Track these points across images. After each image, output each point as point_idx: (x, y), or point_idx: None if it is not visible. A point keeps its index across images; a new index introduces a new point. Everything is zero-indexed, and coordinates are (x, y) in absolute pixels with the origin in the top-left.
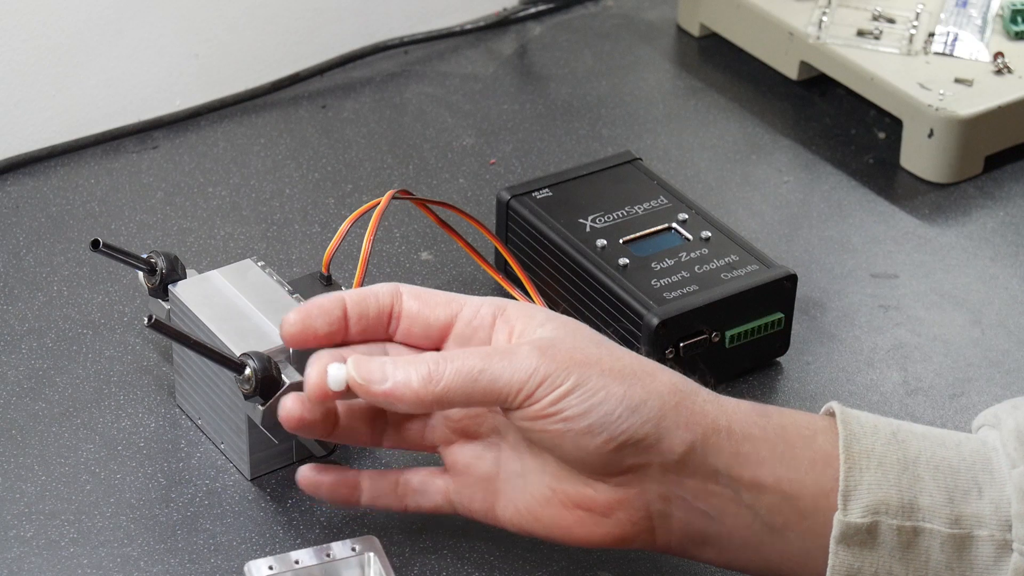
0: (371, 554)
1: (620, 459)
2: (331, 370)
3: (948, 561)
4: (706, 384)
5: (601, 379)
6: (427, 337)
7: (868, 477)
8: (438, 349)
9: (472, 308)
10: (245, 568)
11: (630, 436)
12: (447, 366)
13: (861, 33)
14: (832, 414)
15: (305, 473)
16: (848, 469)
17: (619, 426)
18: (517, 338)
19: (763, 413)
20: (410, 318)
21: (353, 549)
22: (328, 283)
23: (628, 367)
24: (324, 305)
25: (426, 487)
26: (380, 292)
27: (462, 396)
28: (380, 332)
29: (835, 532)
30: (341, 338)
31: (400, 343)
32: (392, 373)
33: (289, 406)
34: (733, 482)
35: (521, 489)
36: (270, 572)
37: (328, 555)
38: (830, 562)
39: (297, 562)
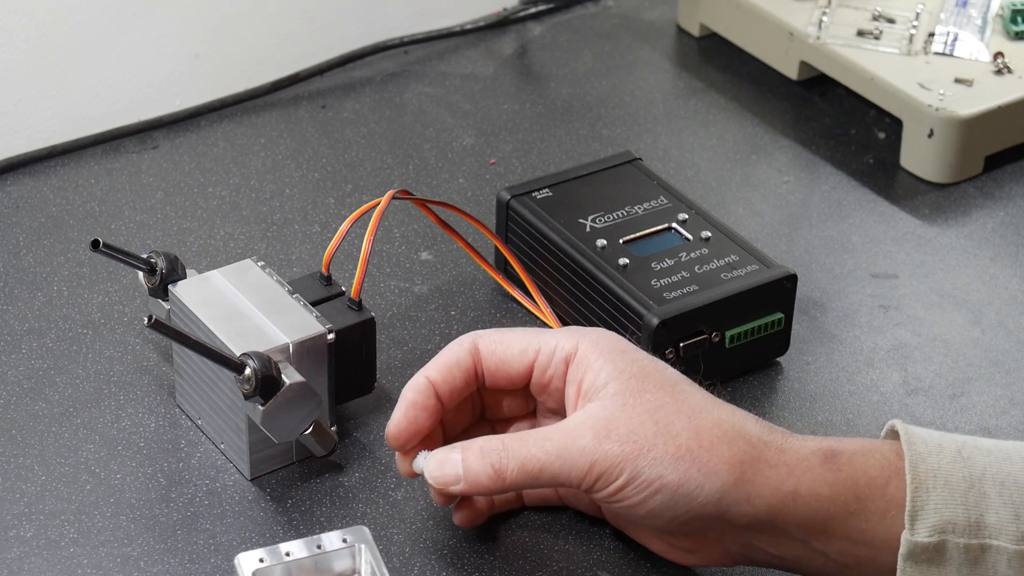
0: (362, 545)
1: (688, 527)
2: (417, 464)
3: None
4: (710, 389)
5: (655, 468)
6: (511, 384)
7: (935, 497)
8: (525, 388)
9: (546, 355)
10: (235, 560)
11: (691, 517)
12: (510, 463)
13: (861, 33)
14: (895, 431)
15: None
16: (915, 489)
17: (678, 510)
18: (583, 397)
19: (833, 464)
20: (492, 373)
21: (344, 540)
22: (328, 283)
23: (684, 447)
24: (419, 401)
25: (536, 491)
26: (462, 359)
27: (529, 485)
28: (470, 389)
29: (903, 550)
30: (440, 416)
31: (492, 389)
32: (464, 473)
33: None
34: (803, 535)
35: None
36: (261, 565)
37: (319, 547)
38: None
39: (288, 554)
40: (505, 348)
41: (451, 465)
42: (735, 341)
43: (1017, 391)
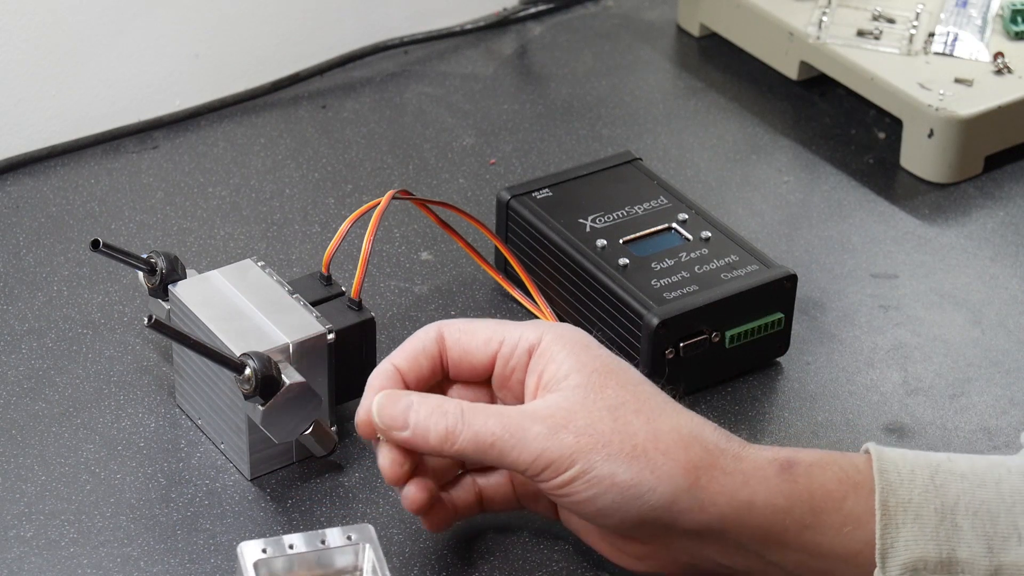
0: (366, 544)
1: (637, 531)
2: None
3: None
4: (673, 395)
5: (608, 465)
6: (474, 375)
7: (905, 533)
8: (488, 381)
9: (509, 346)
10: (238, 549)
11: (641, 519)
12: (464, 430)
13: (861, 33)
14: (867, 453)
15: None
16: (884, 526)
17: (627, 511)
18: (543, 387)
19: (790, 475)
20: (455, 363)
21: (348, 537)
22: (328, 283)
23: (640, 447)
24: (386, 388)
25: (497, 493)
26: (428, 346)
27: (475, 458)
28: (436, 379)
29: None
30: None
31: (455, 379)
32: (414, 421)
33: (412, 496)
34: (757, 547)
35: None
36: (263, 556)
37: (323, 541)
38: None
39: (291, 547)
40: (469, 337)
41: (401, 407)
42: (735, 341)
43: (1017, 391)
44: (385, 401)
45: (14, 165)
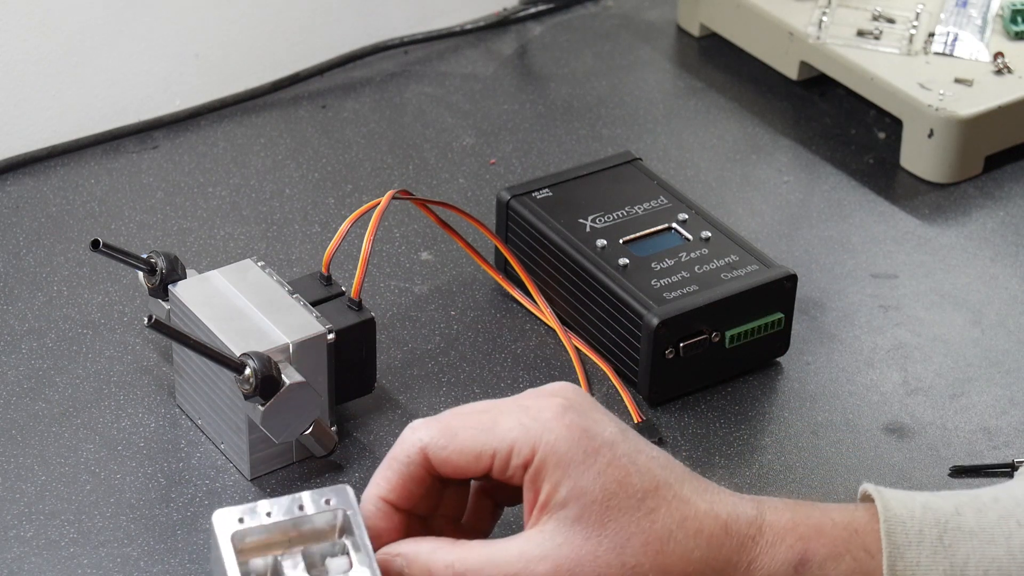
0: (346, 509)
1: None
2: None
3: None
4: (658, 443)
5: None
6: (467, 481)
7: None
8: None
9: (502, 460)
10: (212, 517)
11: None
12: None
13: (861, 33)
14: (870, 499)
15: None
16: None
17: None
18: (539, 510)
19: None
20: (448, 474)
21: (327, 501)
22: (328, 283)
23: None
24: (383, 528)
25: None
26: (415, 473)
27: None
28: (435, 493)
29: None
30: (403, 523)
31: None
32: None
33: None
34: None
35: None
36: (240, 526)
37: (300, 507)
38: None
39: (268, 514)
40: (458, 456)
41: (394, 572)
42: (735, 341)
43: (1017, 391)
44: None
45: (14, 165)
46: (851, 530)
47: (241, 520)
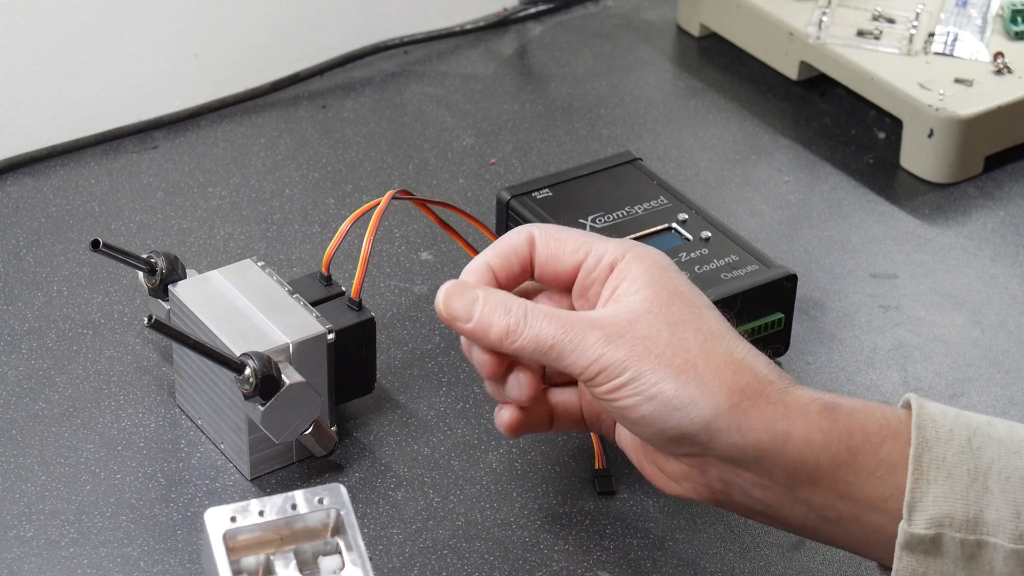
0: (339, 508)
1: (675, 447)
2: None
3: (1012, 573)
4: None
5: (656, 374)
6: (557, 281)
7: (935, 489)
8: (569, 289)
9: (595, 257)
10: (204, 516)
11: (680, 432)
12: (525, 330)
13: (861, 33)
14: (908, 405)
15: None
16: (915, 480)
17: (667, 422)
18: (613, 299)
19: (832, 413)
20: (542, 265)
21: (319, 501)
22: (328, 283)
23: (691, 362)
24: (455, 281)
25: (567, 411)
26: (519, 246)
27: (534, 358)
28: (525, 279)
29: (900, 539)
30: None
31: (539, 282)
32: (478, 316)
33: (505, 419)
34: (788, 480)
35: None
36: (232, 525)
37: (293, 506)
38: (895, 566)
39: (261, 513)
40: (558, 244)
41: (467, 301)
42: None
43: (1017, 391)
44: (452, 291)
45: (14, 165)
46: (885, 405)
47: (233, 519)
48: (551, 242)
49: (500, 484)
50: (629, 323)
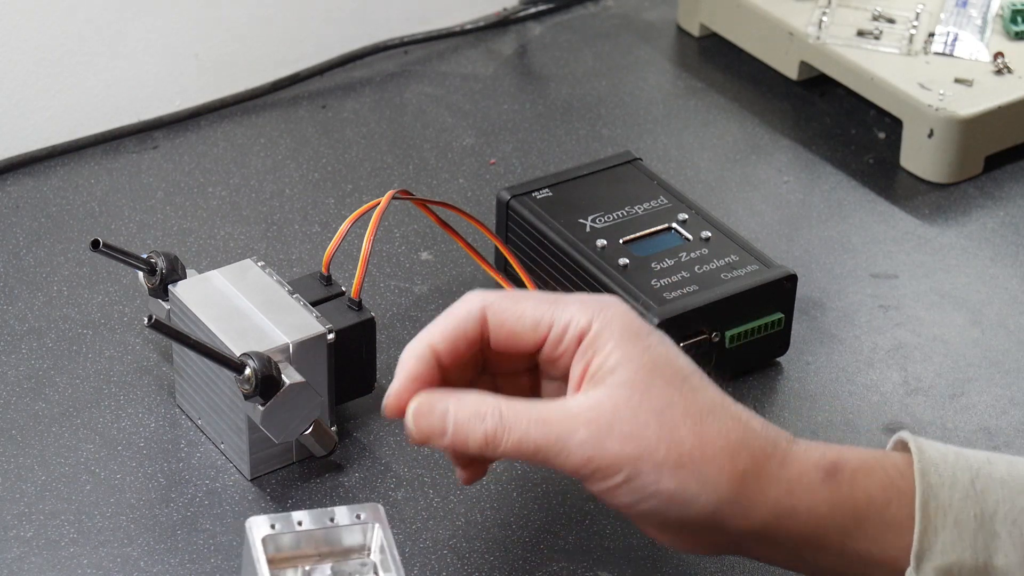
0: (376, 524)
1: (679, 533)
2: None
3: None
4: (721, 384)
5: (653, 474)
6: (519, 358)
7: (943, 537)
8: (533, 359)
9: (559, 330)
10: (246, 524)
11: (684, 524)
12: (505, 436)
13: (861, 33)
14: (906, 446)
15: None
16: (923, 529)
17: (668, 515)
18: (588, 379)
19: (835, 483)
20: (500, 344)
21: (357, 516)
22: (328, 283)
23: (686, 455)
24: (421, 373)
25: None
26: (469, 329)
27: (519, 460)
28: (476, 358)
29: None
30: (440, 383)
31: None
32: (451, 431)
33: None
34: (795, 548)
35: None
36: (272, 532)
37: (331, 519)
38: None
39: (300, 523)
40: (516, 321)
41: (437, 418)
42: (735, 341)
43: (1017, 391)
44: (419, 413)
45: (14, 165)
46: (885, 455)
47: (273, 526)
48: (507, 319)
49: (500, 484)
50: (614, 414)
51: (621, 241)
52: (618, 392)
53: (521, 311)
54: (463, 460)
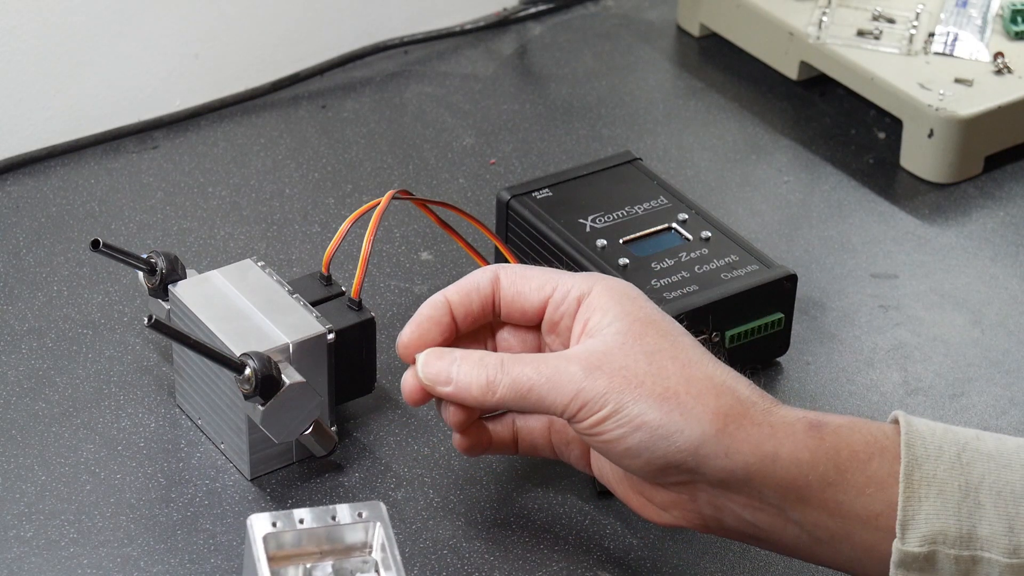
0: (377, 522)
1: (664, 476)
2: (406, 375)
3: None
4: (714, 344)
5: (639, 405)
6: (525, 319)
7: (927, 506)
8: (538, 327)
9: (562, 292)
10: (248, 521)
11: (668, 461)
12: (503, 378)
13: (861, 33)
14: (896, 422)
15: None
16: (907, 498)
17: (654, 451)
18: (586, 334)
19: (818, 432)
20: (508, 304)
21: (359, 515)
22: (328, 283)
23: (672, 389)
24: (434, 316)
25: (533, 436)
26: (482, 285)
27: (517, 406)
28: (486, 318)
29: (894, 558)
30: (453, 338)
31: (504, 323)
32: (456, 376)
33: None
34: (778, 500)
35: (607, 460)
36: (273, 529)
37: (333, 517)
38: None
39: (301, 521)
40: (524, 281)
41: (445, 363)
42: (735, 341)
43: (1017, 391)
44: (429, 359)
45: (14, 165)
46: (871, 421)
47: (275, 524)
48: (516, 280)
49: (500, 484)
50: (605, 354)
51: (621, 241)
52: (612, 338)
53: (529, 275)
54: (462, 421)
